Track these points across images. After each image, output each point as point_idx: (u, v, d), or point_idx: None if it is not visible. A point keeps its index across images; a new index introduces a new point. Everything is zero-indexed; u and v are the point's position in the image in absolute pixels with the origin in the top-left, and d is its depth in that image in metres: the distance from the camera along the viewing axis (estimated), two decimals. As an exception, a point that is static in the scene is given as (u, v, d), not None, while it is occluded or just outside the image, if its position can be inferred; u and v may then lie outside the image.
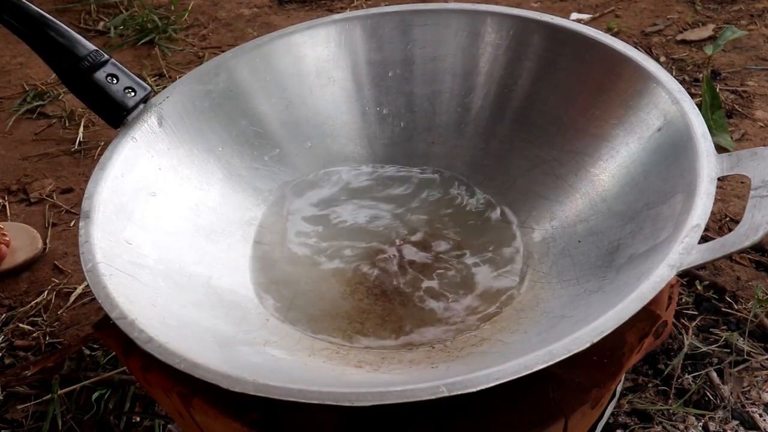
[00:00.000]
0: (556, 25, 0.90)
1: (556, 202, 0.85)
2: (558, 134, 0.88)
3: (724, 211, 1.18)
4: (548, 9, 1.62)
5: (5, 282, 1.15)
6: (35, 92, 1.44)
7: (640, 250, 0.73)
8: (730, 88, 1.39)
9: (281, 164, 0.92)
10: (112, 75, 0.83)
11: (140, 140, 0.82)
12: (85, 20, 1.64)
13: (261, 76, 0.92)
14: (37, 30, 0.82)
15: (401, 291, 0.82)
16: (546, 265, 0.81)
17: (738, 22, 1.53)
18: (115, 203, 0.77)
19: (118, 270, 0.72)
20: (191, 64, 1.52)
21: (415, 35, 0.95)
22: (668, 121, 0.78)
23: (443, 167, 0.94)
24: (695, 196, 0.70)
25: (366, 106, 0.95)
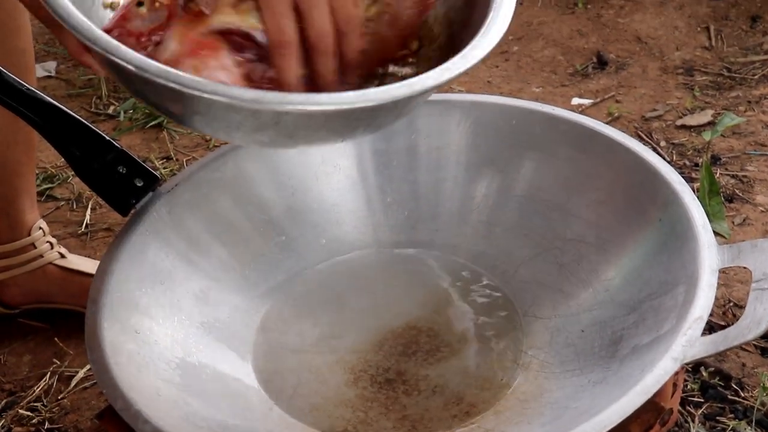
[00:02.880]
0: (557, 116, 0.92)
1: (559, 290, 0.86)
2: (560, 223, 0.90)
3: (728, 296, 1.18)
4: (550, 94, 1.65)
5: (6, 365, 1.15)
6: (45, 175, 1.46)
7: (643, 341, 0.73)
8: (731, 173, 1.41)
9: (287, 251, 0.93)
10: (121, 164, 0.84)
11: (148, 228, 0.83)
12: (96, 105, 1.67)
13: (267, 163, 0.94)
14: (50, 120, 0.84)
15: (405, 379, 0.82)
16: (550, 354, 0.82)
17: (736, 108, 1.55)
18: (122, 291, 0.78)
19: (124, 359, 0.72)
20: (198, 147, 1.55)
21: (419, 125, 0.97)
22: (669, 213, 0.79)
23: (447, 254, 0.94)
24: (697, 288, 0.71)
25: (371, 193, 0.97)
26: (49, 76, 1.76)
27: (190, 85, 0.60)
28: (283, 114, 0.63)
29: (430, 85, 0.64)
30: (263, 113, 0.63)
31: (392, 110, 0.68)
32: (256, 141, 0.69)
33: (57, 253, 1.16)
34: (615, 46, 1.77)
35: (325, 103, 0.62)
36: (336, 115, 0.64)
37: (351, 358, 0.85)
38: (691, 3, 1.87)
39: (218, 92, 0.60)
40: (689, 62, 1.70)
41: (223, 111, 0.63)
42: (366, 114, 0.66)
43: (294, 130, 0.66)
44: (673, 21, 1.82)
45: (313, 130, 0.67)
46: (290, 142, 0.69)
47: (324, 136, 0.69)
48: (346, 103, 0.62)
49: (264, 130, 0.66)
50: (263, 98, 0.61)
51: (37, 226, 1.14)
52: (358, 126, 0.69)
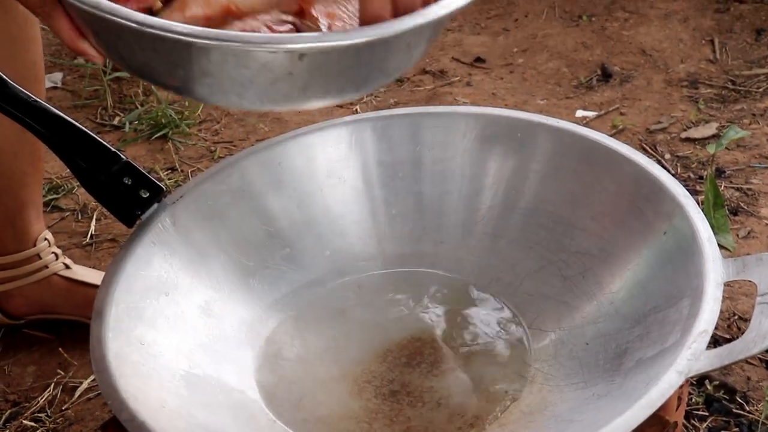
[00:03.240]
0: (562, 129, 0.92)
1: (564, 303, 0.86)
2: (565, 235, 0.90)
3: (732, 309, 1.18)
4: (554, 106, 1.65)
5: (11, 376, 1.16)
6: (50, 185, 1.46)
7: (648, 355, 0.73)
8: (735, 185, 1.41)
9: (291, 263, 0.93)
10: (127, 175, 0.85)
11: (153, 240, 0.84)
12: (102, 116, 1.68)
13: (273, 175, 0.94)
14: (56, 131, 0.84)
15: (409, 391, 0.82)
16: (554, 367, 0.82)
17: (741, 121, 1.56)
18: (127, 302, 0.78)
19: (129, 370, 0.72)
20: (203, 158, 1.55)
21: (424, 137, 0.97)
22: (673, 225, 0.80)
23: (451, 267, 0.94)
24: (702, 301, 0.71)
25: (375, 206, 0.97)
26: (55, 87, 1.77)
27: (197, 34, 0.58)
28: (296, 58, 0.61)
29: (442, 14, 0.63)
30: (276, 62, 0.61)
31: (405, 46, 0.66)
32: (270, 99, 0.65)
33: (62, 264, 1.17)
34: (619, 58, 1.77)
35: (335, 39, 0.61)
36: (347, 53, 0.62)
37: (355, 369, 0.85)
38: (695, 16, 1.87)
39: (229, 38, 0.58)
40: (694, 75, 1.70)
41: (234, 65, 0.61)
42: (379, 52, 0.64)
43: (309, 79, 0.63)
44: (678, 34, 1.82)
45: (329, 78, 0.64)
46: (304, 96, 0.66)
47: (340, 87, 0.66)
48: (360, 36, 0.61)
49: (278, 84, 0.63)
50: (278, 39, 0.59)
51: (43, 236, 1.15)
52: (372, 71, 0.66)
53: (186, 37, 0.58)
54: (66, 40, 0.66)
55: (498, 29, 1.91)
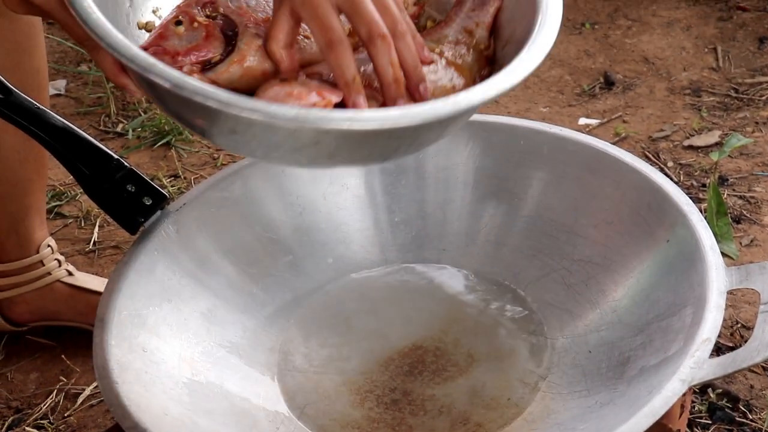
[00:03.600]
0: (565, 137, 0.93)
1: (567, 311, 0.86)
2: (568, 243, 0.90)
3: (735, 317, 1.18)
4: (557, 114, 1.65)
5: (13, 383, 1.16)
6: (53, 192, 1.47)
7: (650, 363, 0.73)
8: (738, 193, 1.41)
9: (294, 271, 0.93)
10: (130, 183, 0.85)
11: (156, 247, 0.84)
12: (105, 123, 1.68)
13: (276, 183, 0.94)
14: (60, 139, 0.84)
15: (411, 399, 0.82)
16: (557, 375, 0.82)
17: (743, 129, 1.56)
18: (130, 309, 0.78)
19: (131, 377, 0.72)
20: (206, 165, 1.55)
21: (427, 145, 0.97)
22: (677, 234, 0.80)
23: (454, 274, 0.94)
24: (705, 310, 0.71)
25: (378, 213, 0.97)
26: (58, 94, 1.77)
27: (228, 102, 0.58)
28: (323, 133, 0.60)
29: (476, 101, 0.62)
30: (303, 133, 0.61)
31: (437, 128, 0.66)
32: (295, 161, 0.67)
33: (65, 271, 1.17)
34: (622, 66, 1.77)
35: (367, 120, 0.60)
36: (379, 133, 0.61)
37: (357, 378, 0.85)
38: (698, 24, 1.87)
39: (257, 109, 0.58)
40: (696, 83, 1.70)
41: (262, 130, 0.61)
42: (410, 132, 0.63)
43: (335, 149, 0.63)
44: (681, 42, 1.83)
45: (355, 150, 0.64)
46: (330, 162, 0.67)
47: (365, 156, 0.67)
48: (390, 120, 0.60)
49: (303, 150, 0.63)
50: (305, 116, 0.58)
51: (46, 243, 1.15)
52: (401, 145, 0.66)
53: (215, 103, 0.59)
54: (108, 74, 0.68)
55: (501, 37, 1.91)
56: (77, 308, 1.16)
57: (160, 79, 0.60)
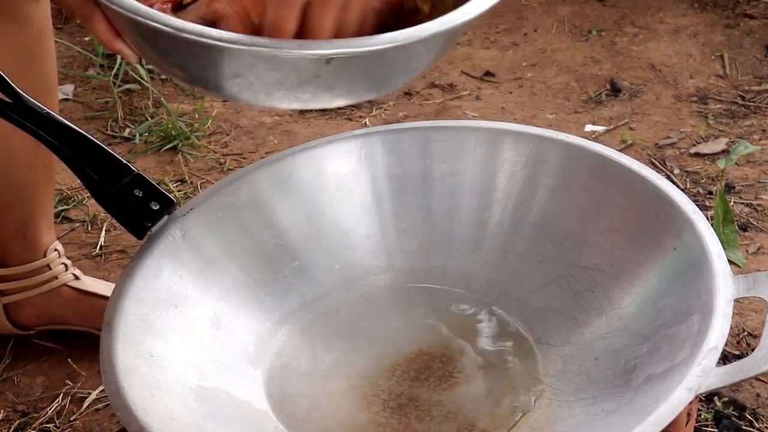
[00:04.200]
0: (571, 144, 0.93)
1: (573, 318, 0.86)
2: (574, 250, 0.90)
3: (742, 325, 1.18)
4: (563, 121, 1.65)
5: (20, 386, 1.16)
6: (60, 197, 1.47)
7: (657, 371, 0.73)
8: (745, 201, 1.41)
9: (300, 276, 0.93)
10: (137, 188, 0.85)
11: (163, 252, 0.84)
12: (112, 127, 1.68)
13: (282, 188, 0.95)
14: (68, 143, 0.85)
15: (417, 405, 0.82)
16: (563, 382, 0.81)
17: (750, 136, 1.55)
18: (137, 314, 0.79)
19: (138, 381, 0.72)
20: (213, 171, 1.56)
21: (434, 151, 0.97)
22: (683, 241, 0.80)
23: (460, 281, 0.94)
24: (712, 318, 0.71)
25: (385, 219, 0.97)
26: (66, 99, 1.77)
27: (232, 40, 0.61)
28: (324, 63, 0.64)
29: (463, 20, 0.66)
30: (304, 65, 0.64)
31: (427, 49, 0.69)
32: (297, 99, 0.69)
33: (71, 275, 1.17)
34: (629, 73, 1.77)
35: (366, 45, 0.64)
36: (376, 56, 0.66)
37: (363, 383, 0.85)
38: (705, 31, 1.87)
39: (261, 44, 0.61)
40: (703, 90, 1.70)
41: (263, 68, 0.64)
42: (403, 56, 0.67)
43: (334, 81, 0.67)
44: (687, 49, 1.83)
45: (353, 80, 0.68)
46: (329, 96, 0.69)
47: (363, 87, 0.70)
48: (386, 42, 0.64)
49: (304, 86, 0.66)
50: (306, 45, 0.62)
51: (53, 247, 1.15)
52: (394, 71, 0.70)
53: (220, 42, 0.61)
54: (103, 40, 0.68)
55: (507, 43, 1.91)
56: (84, 312, 1.17)
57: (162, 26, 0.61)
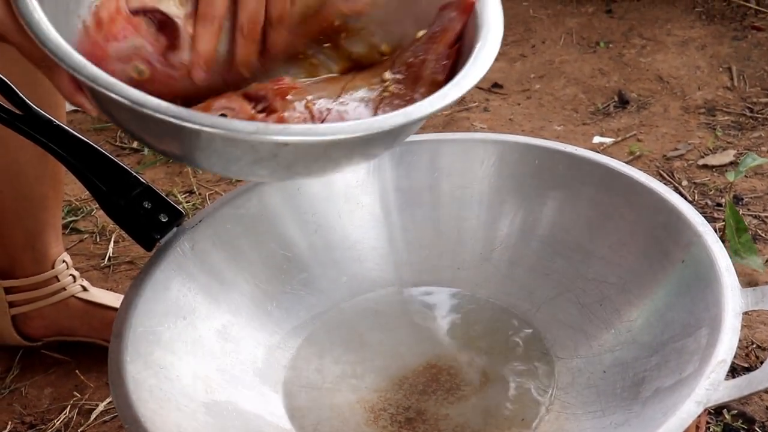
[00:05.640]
0: (579, 156, 0.93)
1: (581, 331, 0.86)
2: (582, 263, 0.90)
3: (751, 338, 1.18)
4: (571, 133, 1.65)
5: (27, 398, 1.16)
6: (69, 208, 1.48)
7: (666, 384, 0.73)
8: (753, 213, 1.40)
9: (309, 288, 0.93)
10: (146, 200, 0.85)
11: (172, 264, 0.84)
12: (121, 139, 1.69)
13: (291, 200, 0.95)
14: (77, 155, 0.85)
15: (425, 419, 0.82)
16: (571, 395, 0.81)
17: (758, 148, 1.55)
18: (145, 326, 0.79)
19: (146, 394, 0.73)
20: (221, 182, 1.56)
21: (442, 163, 0.97)
22: (691, 254, 0.79)
23: (468, 293, 0.94)
24: (721, 331, 0.71)
25: (393, 231, 0.97)
26: (75, 110, 1.78)
27: (188, 118, 0.62)
28: (281, 146, 0.64)
29: (424, 113, 0.67)
30: (262, 146, 0.64)
31: (388, 138, 0.71)
32: (255, 174, 0.71)
33: (80, 286, 1.17)
34: (636, 85, 1.78)
35: (324, 134, 0.64)
36: (333, 144, 0.66)
37: (371, 396, 0.84)
38: (713, 43, 1.88)
39: (218, 125, 0.62)
40: (711, 102, 1.70)
41: (221, 145, 0.65)
42: (360, 143, 0.68)
43: (293, 161, 0.68)
44: (695, 61, 1.83)
45: (312, 161, 0.69)
46: (288, 174, 0.71)
47: (322, 167, 0.71)
48: (343, 132, 0.65)
49: (262, 163, 0.67)
50: (265, 130, 0.62)
51: (61, 259, 1.15)
52: (353, 155, 0.72)
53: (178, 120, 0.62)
54: (65, 94, 0.70)
55: (515, 55, 1.92)
56: (92, 324, 1.17)
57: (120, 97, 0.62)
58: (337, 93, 0.73)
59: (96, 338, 1.17)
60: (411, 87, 0.73)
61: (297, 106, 0.70)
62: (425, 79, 0.73)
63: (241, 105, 0.69)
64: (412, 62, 0.74)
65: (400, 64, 0.75)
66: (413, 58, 0.74)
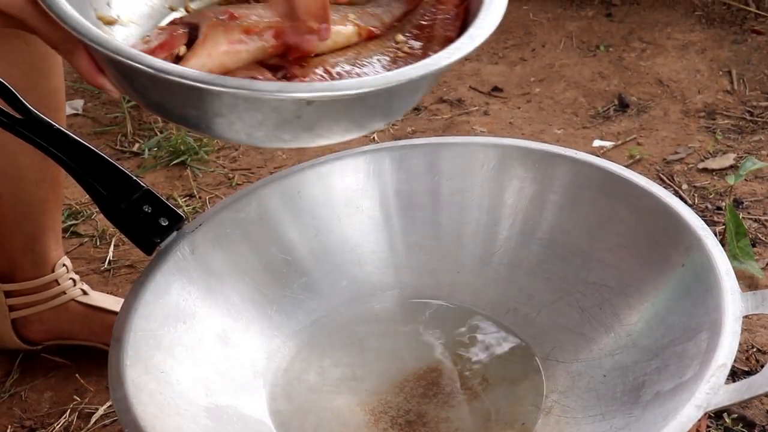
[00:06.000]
0: (579, 160, 0.93)
1: (581, 335, 0.86)
2: (582, 267, 0.90)
3: (751, 341, 1.18)
4: (571, 136, 1.65)
5: (27, 402, 1.16)
6: (69, 211, 1.48)
7: (666, 388, 0.73)
8: (753, 216, 1.40)
9: (309, 292, 0.93)
10: (146, 203, 0.85)
11: (172, 268, 0.84)
12: (121, 142, 1.69)
13: (291, 204, 0.95)
14: (77, 159, 0.85)
15: (425, 422, 0.82)
16: (571, 399, 0.81)
17: (758, 152, 1.55)
18: (145, 330, 0.79)
19: (146, 398, 0.73)
20: (221, 185, 1.56)
21: (442, 167, 0.97)
22: (692, 258, 0.79)
23: (468, 297, 0.94)
24: (721, 335, 0.71)
25: (393, 235, 0.97)
26: (75, 114, 1.78)
27: (212, 81, 0.61)
28: (304, 105, 0.64)
29: (443, 64, 0.67)
30: (285, 106, 0.64)
31: (408, 93, 0.71)
32: (278, 138, 0.70)
33: (79, 290, 1.17)
34: (636, 88, 1.78)
35: (349, 88, 0.65)
36: (356, 100, 0.66)
37: (371, 399, 0.84)
38: (713, 47, 1.88)
39: (242, 86, 0.62)
40: (711, 106, 1.70)
41: (245, 108, 0.64)
42: (383, 98, 0.68)
43: (315, 122, 0.67)
44: (695, 64, 1.83)
45: (334, 121, 0.68)
46: (311, 136, 0.70)
47: (344, 128, 0.71)
48: (366, 86, 0.65)
49: (286, 126, 0.67)
50: (289, 88, 0.63)
51: (61, 262, 1.15)
52: (375, 113, 0.71)
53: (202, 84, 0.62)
54: (85, 75, 0.69)
55: (515, 59, 1.92)
56: (92, 327, 1.17)
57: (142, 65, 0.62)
58: (354, 58, 0.73)
59: (96, 342, 1.17)
60: (425, 46, 0.73)
61: (317, 71, 0.70)
62: (437, 37, 0.73)
63: (263, 73, 0.69)
64: (423, 24, 0.75)
65: (411, 27, 0.75)
66: (423, 20, 0.75)
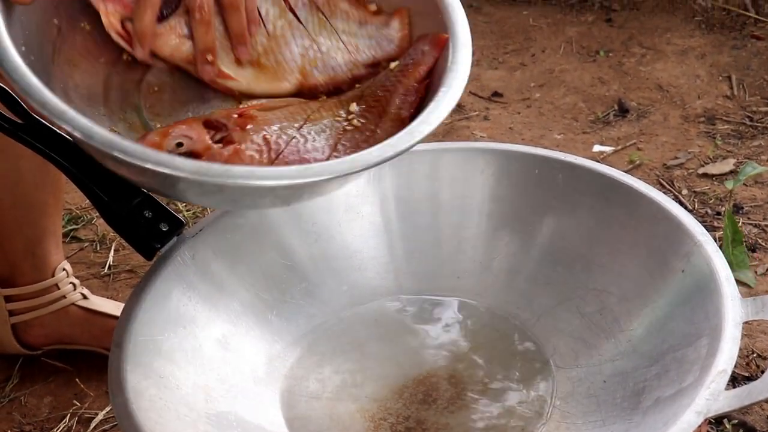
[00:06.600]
0: (579, 166, 0.93)
1: (581, 340, 0.86)
2: (582, 272, 0.90)
3: (751, 347, 1.18)
4: (571, 141, 1.65)
5: (27, 406, 1.16)
6: (70, 216, 1.48)
7: (666, 394, 0.73)
8: (753, 222, 1.41)
9: (309, 297, 0.93)
10: (147, 209, 0.85)
11: (172, 273, 0.84)
12: (121, 146, 1.70)
13: (291, 209, 0.95)
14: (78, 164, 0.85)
15: (425, 428, 0.82)
16: (571, 405, 0.81)
17: (758, 157, 1.56)
18: (146, 335, 0.79)
19: (146, 403, 0.73)
20: (221, 190, 1.57)
21: (442, 173, 0.97)
22: (692, 264, 0.79)
23: (468, 302, 0.94)
24: (721, 341, 0.71)
25: (393, 240, 0.97)
26: (76, 118, 1.78)
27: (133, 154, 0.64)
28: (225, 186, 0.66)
29: (372, 161, 0.67)
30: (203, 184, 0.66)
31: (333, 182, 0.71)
32: (205, 203, 0.73)
33: (80, 294, 1.17)
34: (636, 94, 1.78)
35: (265, 178, 0.65)
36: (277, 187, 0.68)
37: (371, 406, 0.84)
38: (712, 52, 1.88)
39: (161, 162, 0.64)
40: (711, 111, 1.71)
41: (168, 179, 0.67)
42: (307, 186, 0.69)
43: (239, 197, 0.70)
44: (695, 70, 1.83)
45: (258, 198, 0.71)
46: (235, 205, 0.75)
47: (269, 202, 0.74)
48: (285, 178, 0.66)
49: (208, 195, 0.71)
50: (207, 170, 0.64)
51: (61, 267, 1.15)
52: (303, 194, 0.73)
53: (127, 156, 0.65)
54: None
55: (515, 64, 1.92)
56: (92, 332, 1.17)
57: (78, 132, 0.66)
58: (301, 123, 0.73)
59: (96, 347, 1.17)
60: (374, 122, 0.73)
61: (255, 138, 0.71)
62: (390, 114, 0.73)
63: (200, 133, 0.71)
64: (380, 96, 0.75)
65: (369, 95, 0.75)
66: (382, 91, 0.75)
